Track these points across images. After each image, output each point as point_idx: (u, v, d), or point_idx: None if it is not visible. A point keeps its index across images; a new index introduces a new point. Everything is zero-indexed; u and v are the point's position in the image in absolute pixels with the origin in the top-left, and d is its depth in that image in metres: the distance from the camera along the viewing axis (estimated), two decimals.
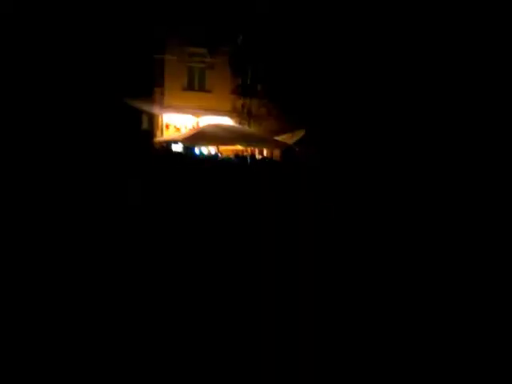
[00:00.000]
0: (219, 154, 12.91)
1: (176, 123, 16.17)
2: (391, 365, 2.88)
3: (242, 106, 15.63)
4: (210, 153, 13.45)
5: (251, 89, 15.44)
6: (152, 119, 16.08)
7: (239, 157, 12.22)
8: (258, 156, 14.30)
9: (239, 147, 13.47)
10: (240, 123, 15.60)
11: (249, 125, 15.51)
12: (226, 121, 15.69)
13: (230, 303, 3.70)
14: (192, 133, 13.09)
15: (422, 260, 4.56)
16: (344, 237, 5.28)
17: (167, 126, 16.13)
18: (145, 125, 15.85)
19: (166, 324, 3.29)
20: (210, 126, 13.43)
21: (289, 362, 2.83)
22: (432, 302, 3.77)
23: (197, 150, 13.43)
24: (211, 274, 4.24)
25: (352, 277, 4.27)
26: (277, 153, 14.29)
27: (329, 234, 5.27)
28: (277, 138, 14.02)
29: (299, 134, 13.44)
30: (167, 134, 15.72)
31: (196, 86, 16.61)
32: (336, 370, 2.81)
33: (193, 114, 16.05)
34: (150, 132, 15.23)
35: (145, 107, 14.86)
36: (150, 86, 15.73)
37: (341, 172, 8.25)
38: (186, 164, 9.69)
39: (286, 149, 12.44)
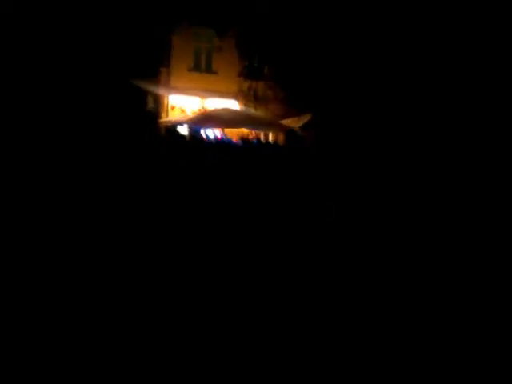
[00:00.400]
0: (224, 137, 13.01)
1: (182, 105, 16.12)
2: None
3: (249, 88, 15.48)
4: (215, 136, 13.50)
5: (258, 71, 15.28)
6: (157, 100, 15.98)
7: (245, 140, 12.14)
8: (263, 140, 14.37)
9: (245, 130, 13.51)
10: (246, 106, 15.52)
11: (255, 108, 15.38)
12: (232, 103, 15.62)
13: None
14: (197, 115, 13.19)
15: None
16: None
17: (172, 108, 16.08)
18: (150, 106, 15.66)
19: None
20: (216, 108, 13.54)
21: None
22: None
23: (202, 133, 13.32)
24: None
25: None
26: (282, 137, 14.06)
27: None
28: (283, 121, 13.82)
29: (305, 118, 13.34)
30: (172, 116, 15.57)
31: (202, 68, 16.54)
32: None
33: (199, 95, 16.01)
34: (156, 113, 15.14)
35: (150, 88, 14.76)
36: (156, 67, 15.53)
37: (345, 162, 7.93)
38: (191, 147, 9.66)
39: (288, 133, 11.98)
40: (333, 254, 4.68)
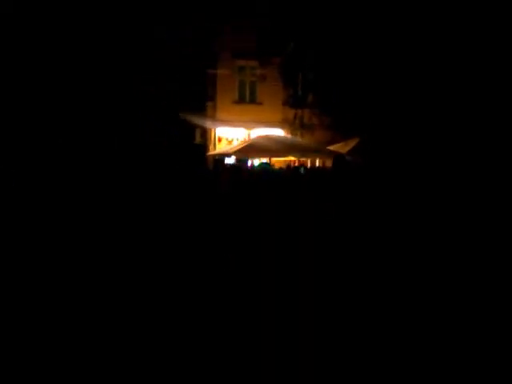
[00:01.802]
0: (267, 165, 12.94)
1: (228, 136, 17.10)
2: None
3: (294, 116, 16.09)
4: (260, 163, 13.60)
5: (302, 99, 15.82)
6: (205, 133, 17.04)
7: (291, 168, 12.75)
8: (309, 166, 14.82)
9: (292, 158, 14.02)
10: (292, 134, 16.08)
11: (301, 135, 15.93)
12: (278, 132, 16.24)
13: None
14: (244, 145, 13.57)
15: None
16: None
17: (219, 140, 17.07)
18: (198, 139, 16.89)
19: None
20: (261, 137, 13.95)
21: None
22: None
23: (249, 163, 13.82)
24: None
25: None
26: (329, 163, 13.66)
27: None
28: (330, 147, 14.28)
29: (352, 143, 13.57)
30: (219, 147, 16.52)
31: (247, 99, 17.52)
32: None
33: (244, 126, 16.86)
34: (204, 146, 16.21)
35: (198, 122, 15.99)
36: (203, 101, 16.80)
37: (394, 183, 7.87)
38: (241, 176, 9.90)
39: (336, 158, 12.25)
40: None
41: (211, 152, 15.83)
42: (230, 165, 12.95)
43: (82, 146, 9.66)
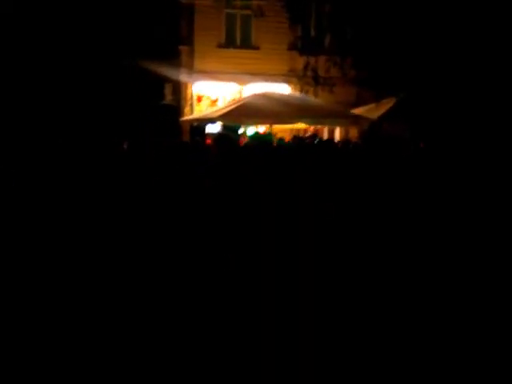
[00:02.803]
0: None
1: (211, 94, 16.01)
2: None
3: (305, 66, 14.27)
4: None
5: (317, 42, 14.51)
6: (178, 89, 15.92)
7: (299, 139, 10.97)
8: (327, 137, 14.22)
9: (301, 126, 13.00)
10: (302, 91, 14.51)
11: (314, 93, 14.25)
12: (282, 89, 15.20)
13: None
14: (234, 107, 12.35)
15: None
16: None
17: (199, 99, 15.88)
18: (168, 97, 15.82)
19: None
20: (258, 96, 12.81)
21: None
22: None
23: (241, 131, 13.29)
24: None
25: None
26: (354, 132, 14.06)
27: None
28: (355, 110, 13.21)
29: (387, 105, 12.34)
30: (199, 110, 15.42)
31: (238, 42, 16.29)
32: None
33: (235, 80, 15.81)
34: (176, 107, 15.18)
35: (168, 73, 14.84)
36: (175, 44, 15.54)
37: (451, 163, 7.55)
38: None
39: (369, 128, 11.36)
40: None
41: (187, 116, 14.72)
42: (215, 135, 11.81)
43: None
